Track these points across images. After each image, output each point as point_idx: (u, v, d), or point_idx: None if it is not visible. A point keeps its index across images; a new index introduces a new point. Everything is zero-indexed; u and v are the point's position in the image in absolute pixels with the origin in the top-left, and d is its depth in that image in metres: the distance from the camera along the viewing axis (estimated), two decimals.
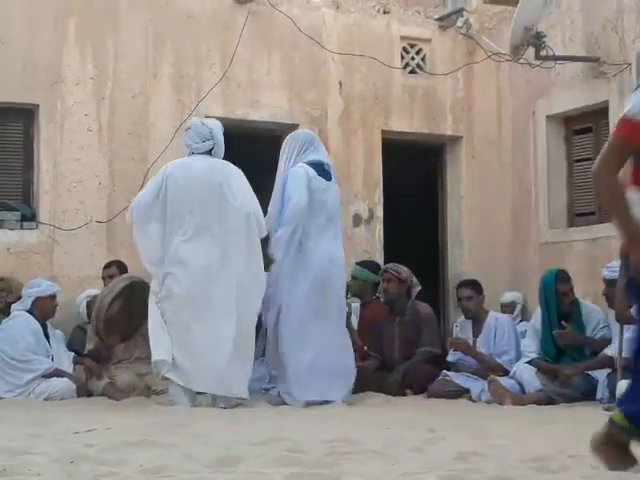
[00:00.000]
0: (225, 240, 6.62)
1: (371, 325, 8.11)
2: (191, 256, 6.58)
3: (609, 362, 6.68)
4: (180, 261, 6.59)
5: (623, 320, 6.55)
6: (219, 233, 6.63)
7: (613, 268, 6.89)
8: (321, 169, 7.09)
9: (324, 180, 7.07)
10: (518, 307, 8.85)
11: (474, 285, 7.88)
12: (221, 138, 6.89)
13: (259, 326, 7.06)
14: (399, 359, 7.93)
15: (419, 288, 8.03)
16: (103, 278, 8.04)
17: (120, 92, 8.61)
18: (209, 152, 6.84)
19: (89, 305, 7.91)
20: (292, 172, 7.01)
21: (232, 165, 6.84)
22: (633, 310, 6.32)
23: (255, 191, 7.01)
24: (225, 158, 6.96)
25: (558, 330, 7.20)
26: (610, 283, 6.91)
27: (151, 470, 3.50)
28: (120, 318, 7.45)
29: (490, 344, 7.65)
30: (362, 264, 8.47)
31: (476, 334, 7.73)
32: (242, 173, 6.83)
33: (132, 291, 7.28)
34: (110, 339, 7.53)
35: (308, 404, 6.70)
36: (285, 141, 7.32)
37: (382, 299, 8.17)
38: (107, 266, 8.08)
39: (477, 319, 7.77)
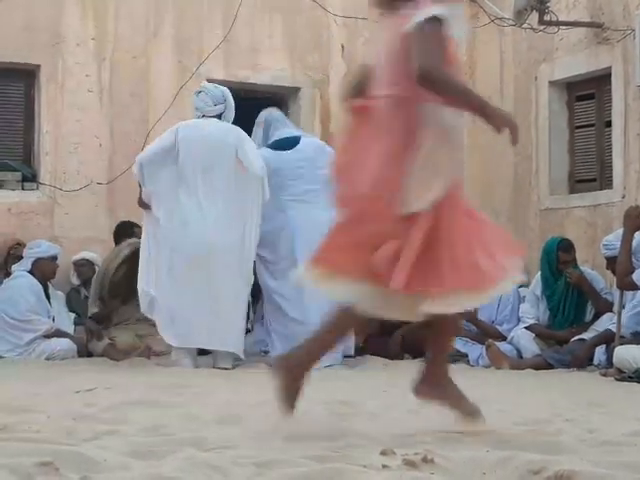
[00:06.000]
0: (235, 201, 6.66)
1: None
2: (194, 215, 6.61)
3: (612, 337, 6.67)
4: (182, 220, 6.63)
5: (624, 286, 6.57)
6: (229, 195, 6.67)
7: (609, 245, 6.88)
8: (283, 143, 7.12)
9: (278, 151, 7.06)
10: None
11: None
12: (232, 103, 6.92)
13: (258, 290, 7.09)
14: (397, 324, 7.94)
15: None
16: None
17: (121, 53, 8.57)
18: (219, 116, 6.84)
19: (77, 266, 7.97)
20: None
21: (242, 130, 6.85)
22: (634, 276, 6.40)
23: None
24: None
25: (571, 269, 7.20)
26: (610, 259, 6.89)
27: (151, 428, 3.52)
28: (124, 283, 7.49)
29: (493, 311, 7.65)
30: None
31: None
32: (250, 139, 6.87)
33: (136, 256, 7.29)
34: (113, 303, 7.59)
35: None
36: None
37: None
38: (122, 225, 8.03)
39: None
